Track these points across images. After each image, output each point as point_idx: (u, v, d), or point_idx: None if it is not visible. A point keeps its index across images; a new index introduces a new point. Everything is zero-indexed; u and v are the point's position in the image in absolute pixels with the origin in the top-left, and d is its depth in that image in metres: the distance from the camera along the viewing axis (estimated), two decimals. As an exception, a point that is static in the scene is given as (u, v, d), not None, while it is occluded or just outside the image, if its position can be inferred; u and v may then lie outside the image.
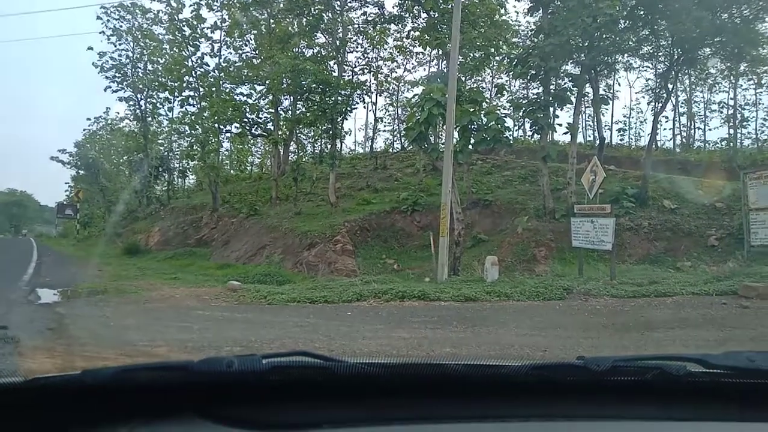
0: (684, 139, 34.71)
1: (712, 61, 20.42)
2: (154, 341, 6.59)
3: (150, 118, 33.76)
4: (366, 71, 28.20)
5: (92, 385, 1.17)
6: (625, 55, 20.92)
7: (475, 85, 25.16)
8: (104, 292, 11.61)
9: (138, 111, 32.57)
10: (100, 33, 29.93)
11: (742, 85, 30.62)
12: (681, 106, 34.20)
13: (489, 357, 5.52)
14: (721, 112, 33.01)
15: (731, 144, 30.36)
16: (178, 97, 27.94)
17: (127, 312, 9.42)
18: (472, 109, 14.46)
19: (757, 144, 30.41)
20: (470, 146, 14.79)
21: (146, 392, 1.19)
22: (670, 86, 20.01)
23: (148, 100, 32.45)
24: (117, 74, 30.82)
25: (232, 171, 40.24)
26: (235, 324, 8.28)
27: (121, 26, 30.20)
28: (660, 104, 20.17)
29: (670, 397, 1.24)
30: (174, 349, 6.11)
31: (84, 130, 44.57)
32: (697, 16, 15.01)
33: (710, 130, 36.13)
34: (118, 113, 43.65)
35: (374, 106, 34.72)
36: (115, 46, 30.39)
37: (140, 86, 31.51)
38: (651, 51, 19.60)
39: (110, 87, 31.01)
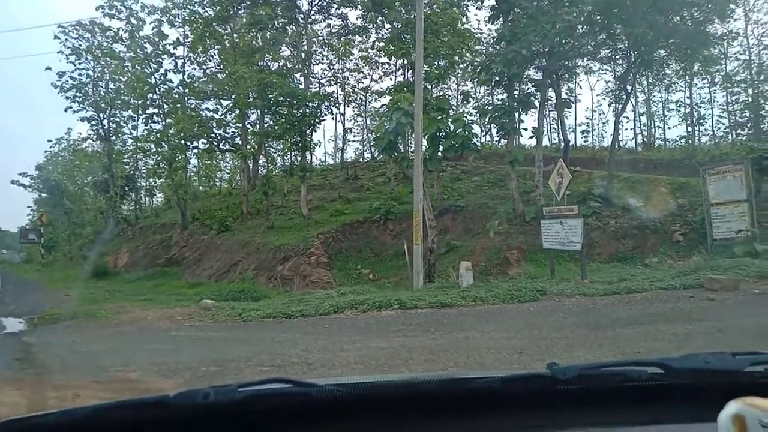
0: (645, 139, 35.73)
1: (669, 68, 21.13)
2: (126, 366, 6.45)
3: (114, 138, 33.01)
4: (333, 82, 28.34)
5: (66, 427, 1.15)
6: (585, 59, 21.51)
7: (441, 93, 25.48)
8: (72, 318, 11.29)
9: (101, 130, 31.82)
10: (58, 53, 29.27)
11: (697, 84, 31.81)
12: (641, 107, 35.31)
13: (461, 369, 5.58)
14: (679, 111, 34.18)
15: (690, 141, 31.43)
16: (142, 114, 27.50)
17: (97, 337, 9.18)
18: (439, 117, 14.66)
19: (715, 141, 31.51)
20: (439, 153, 14.96)
21: (123, 431, 1.18)
22: (629, 87, 20.66)
23: (111, 119, 31.77)
24: (78, 94, 30.07)
25: (201, 187, 39.67)
26: (210, 343, 8.15)
27: (80, 45, 29.54)
28: (620, 105, 20.79)
29: (634, 401, 1.29)
30: (148, 372, 5.98)
31: (45, 152, 43.51)
32: (651, 19, 15.56)
33: (670, 128, 37.13)
34: (81, 134, 42.91)
35: (343, 117, 34.78)
36: (75, 66, 29.68)
37: (102, 105, 30.81)
38: (609, 54, 20.20)
39: (71, 107, 30.26)
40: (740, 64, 30.28)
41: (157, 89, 25.84)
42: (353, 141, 40.64)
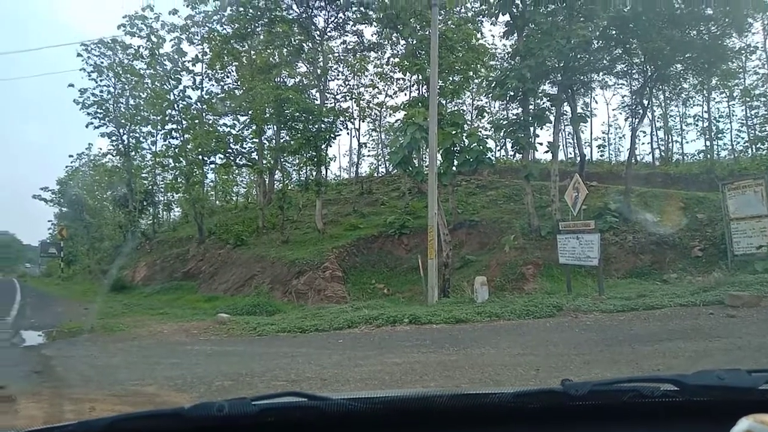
0: (663, 153, 35.37)
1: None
2: (143, 380, 6.49)
3: (133, 153, 33.67)
4: (348, 98, 28.60)
5: None
6: (600, 73, 21.41)
7: (455, 108, 25.58)
8: (91, 331, 11.42)
9: (121, 146, 32.47)
10: (80, 70, 30.04)
11: (715, 98, 31.51)
12: (658, 121, 35.00)
13: (476, 385, 5.52)
14: (697, 125, 33.83)
15: (708, 156, 31.02)
16: (161, 130, 27.96)
17: (114, 350, 9.27)
18: (454, 132, 14.68)
19: (734, 155, 31.07)
20: (454, 168, 14.98)
21: None
22: (645, 102, 20.52)
23: (131, 134, 32.41)
24: (99, 110, 30.77)
25: (217, 202, 40.12)
26: (225, 358, 8.18)
27: (101, 62, 30.30)
28: (637, 119, 20.67)
29: (647, 418, 1.28)
30: (163, 387, 6.02)
31: (66, 167, 44.36)
32: (667, 34, 15.49)
33: (687, 143, 36.87)
34: (101, 149, 43.73)
35: (357, 132, 35.06)
36: (96, 82, 30.45)
37: (122, 121, 31.47)
38: (625, 69, 20.09)
39: (92, 123, 30.95)
40: (759, 78, 29.91)
41: (175, 105, 26.31)
42: (368, 156, 40.97)
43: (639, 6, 15.74)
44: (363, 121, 34.84)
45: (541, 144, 19.06)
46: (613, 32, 16.86)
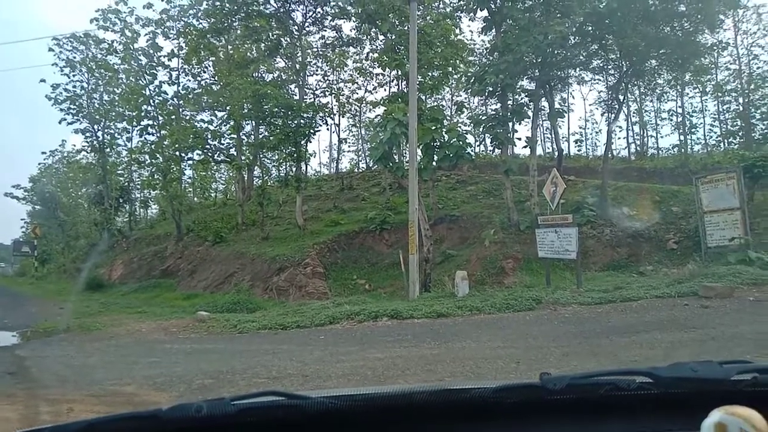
0: (638, 147, 35.97)
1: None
2: (121, 379, 6.41)
3: (108, 149, 33.02)
4: (327, 93, 28.41)
5: None
6: (577, 69, 21.67)
7: (435, 103, 25.62)
8: (66, 331, 11.21)
9: (95, 142, 31.80)
10: (53, 65, 29.32)
11: (688, 94, 32.16)
12: (633, 116, 35.59)
13: (457, 378, 5.57)
14: (671, 120, 34.50)
15: (682, 150, 31.69)
16: (136, 126, 27.42)
17: (91, 350, 9.11)
18: (433, 127, 14.72)
19: (707, 149, 31.77)
20: (434, 163, 15.02)
21: None
22: (621, 97, 20.83)
23: (106, 130, 31.78)
24: (72, 106, 30.09)
25: (195, 198, 39.59)
26: (205, 356, 8.10)
27: (74, 57, 29.62)
28: (613, 115, 21.00)
29: (623, 411, 1.30)
30: (142, 386, 5.94)
31: (39, 164, 43.37)
32: (642, 30, 15.74)
33: (662, 137, 37.59)
34: (75, 145, 42.79)
35: (337, 128, 34.86)
36: (69, 78, 29.75)
37: (97, 117, 30.83)
38: (601, 65, 20.36)
39: (65, 119, 30.28)
40: (731, 73, 30.64)
41: (151, 101, 25.85)
42: (348, 151, 40.85)
43: (614, 2, 15.98)
44: (343, 117, 34.71)
45: (519, 139, 19.24)
46: (589, 28, 17.07)
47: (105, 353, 8.82)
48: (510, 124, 18.08)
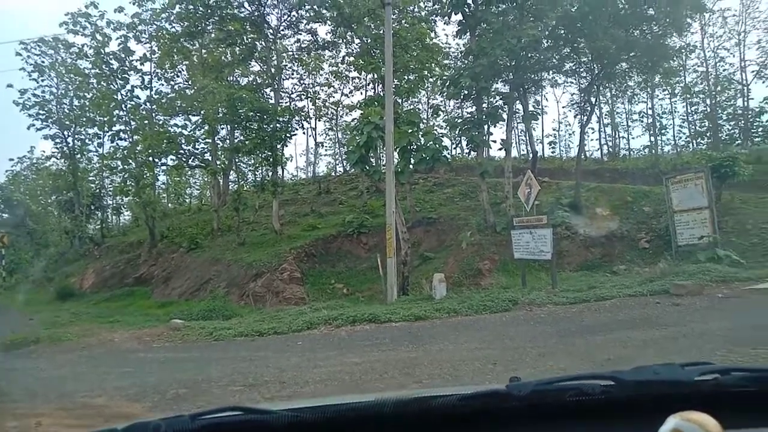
0: (611, 149, 36.70)
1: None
2: (92, 391, 6.24)
3: (79, 155, 32.37)
4: (303, 97, 28.34)
5: None
6: (550, 72, 21.95)
7: (411, 107, 25.80)
8: (36, 342, 10.86)
9: (65, 148, 31.15)
10: (20, 69, 28.64)
11: (658, 96, 32.97)
12: (605, 118, 36.31)
13: (435, 380, 5.57)
14: (642, 122, 35.36)
15: (653, 151, 32.43)
16: (108, 131, 26.98)
17: (62, 361, 8.87)
18: (410, 131, 14.78)
19: (677, 150, 32.56)
20: (411, 166, 15.06)
21: None
22: (593, 99, 21.21)
23: (76, 136, 31.18)
24: (41, 111, 29.44)
25: (170, 205, 39.05)
26: (180, 365, 7.95)
27: (43, 62, 28.99)
28: (585, 117, 21.29)
29: (587, 415, 1.31)
30: (114, 397, 5.81)
31: (7, 171, 42.29)
32: (612, 33, 16.04)
33: (633, 138, 38.55)
34: (44, 152, 41.81)
35: (314, 131, 34.89)
36: (38, 83, 29.12)
37: (67, 122, 30.21)
38: (573, 67, 20.69)
39: (34, 125, 29.58)
40: (698, 75, 31.54)
41: (123, 106, 25.43)
42: (325, 155, 40.83)
43: (585, 6, 16.27)
44: (319, 121, 34.70)
45: (494, 141, 19.50)
46: (562, 32, 17.35)
47: (76, 365, 8.59)
48: (485, 126, 18.24)
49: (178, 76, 27.70)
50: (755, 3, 29.70)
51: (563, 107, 61.61)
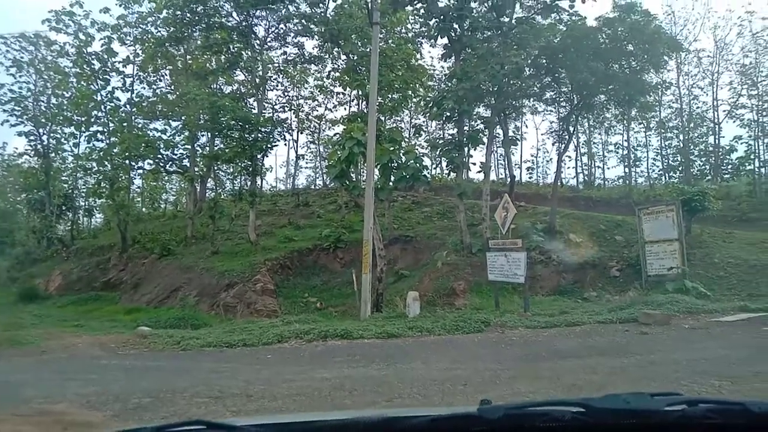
0: (586, 177, 37.49)
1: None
2: (51, 397, 6.04)
3: (53, 154, 31.68)
4: (287, 109, 28.36)
5: None
6: (531, 99, 22.46)
7: (394, 125, 26.01)
8: (-6, 345, 10.50)
9: (39, 146, 30.46)
10: (-2, 64, 28.01)
11: (634, 129, 33.86)
12: (582, 147, 37.14)
13: (401, 404, 5.54)
14: (617, 153, 36.19)
15: (627, 182, 33.20)
16: (85, 132, 26.48)
17: (21, 366, 8.57)
18: (391, 148, 14.87)
19: (649, 182, 33.41)
20: (391, 184, 15.14)
21: None
22: (571, 128, 21.67)
23: (52, 134, 30.51)
24: (16, 107, 28.77)
25: (144, 209, 38.34)
26: (144, 373, 7.76)
27: (22, 57, 28.44)
28: (563, 145, 21.74)
29: None
30: (74, 404, 5.62)
31: (-25, 167, 41.06)
32: (592, 66, 16.51)
33: (609, 168, 39.52)
34: (17, 149, 40.75)
35: (295, 144, 34.80)
36: (15, 78, 28.51)
37: (43, 120, 29.56)
38: (553, 96, 21.19)
39: (8, 121, 28.88)
40: (673, 111, 32.58)
41: (103, 107, 25.03)
42: (305, 168, 40.72)
43: (568, 39, 16.73)
44: (301, 133, 34.70)
45: (474, 164, 19.72)
46: (544, 61, 17.78)
47: (36, 369, 8.31)
48: (465, 149, 18.47)
49: (160, 81, 27.48)
50: (728, 46, 31.00)
51: (542, 134, 62.85)
